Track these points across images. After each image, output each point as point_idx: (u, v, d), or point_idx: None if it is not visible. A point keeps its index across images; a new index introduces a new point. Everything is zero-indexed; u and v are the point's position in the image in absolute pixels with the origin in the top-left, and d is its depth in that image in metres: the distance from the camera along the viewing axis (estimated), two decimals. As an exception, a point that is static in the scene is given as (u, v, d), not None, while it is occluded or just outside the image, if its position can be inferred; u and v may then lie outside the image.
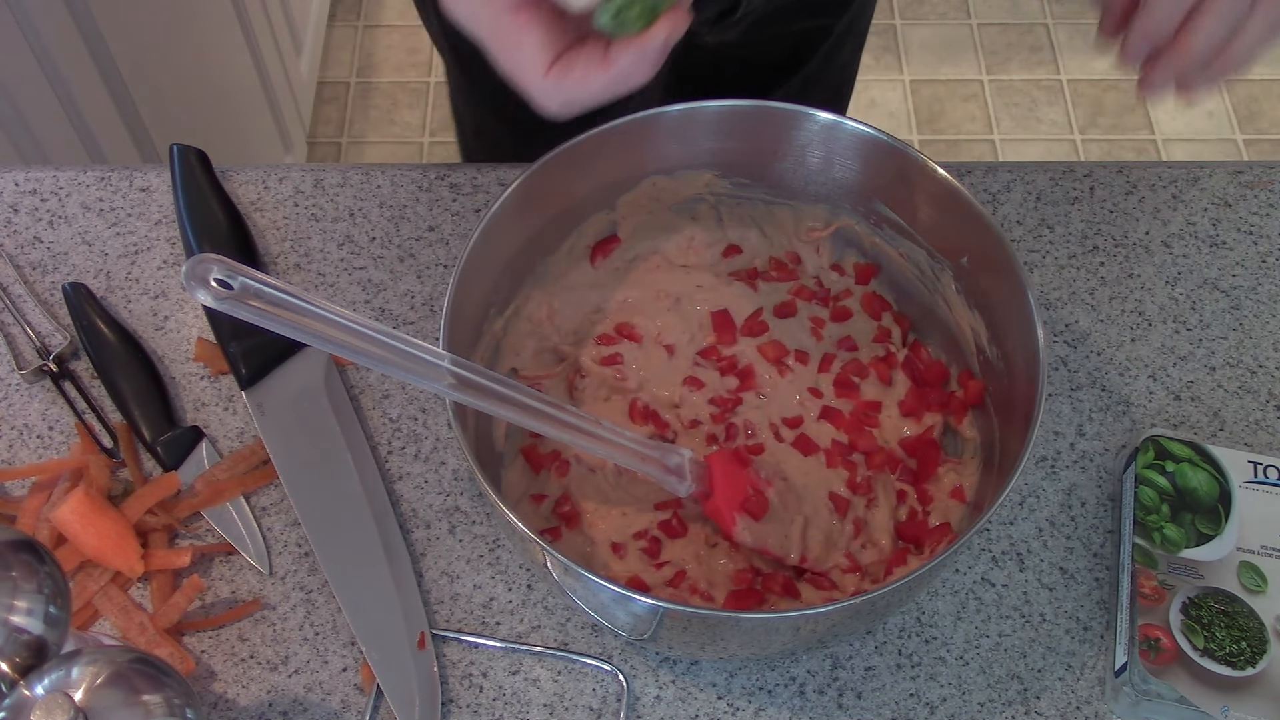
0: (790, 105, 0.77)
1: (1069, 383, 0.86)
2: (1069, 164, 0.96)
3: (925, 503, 0.78)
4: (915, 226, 0.79)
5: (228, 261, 0.58)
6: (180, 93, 1.62)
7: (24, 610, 0.56)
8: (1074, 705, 0.74)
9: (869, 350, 0.82)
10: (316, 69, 2.23)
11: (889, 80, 2.29)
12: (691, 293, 0.84)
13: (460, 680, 0.75)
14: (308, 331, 0.60)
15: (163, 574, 0.78)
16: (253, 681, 0.75)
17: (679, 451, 0.74)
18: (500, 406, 0.66)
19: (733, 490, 0.74)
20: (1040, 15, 2.38)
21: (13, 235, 0.92)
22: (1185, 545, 0.75)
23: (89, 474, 0.79)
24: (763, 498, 0.74)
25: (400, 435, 0.84)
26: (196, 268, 0.58)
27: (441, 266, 0.90)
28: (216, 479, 0.81)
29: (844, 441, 0.79)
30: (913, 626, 0.77)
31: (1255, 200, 0.94)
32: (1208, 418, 0.85)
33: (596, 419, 0.70)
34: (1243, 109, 2.27)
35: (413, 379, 0.64)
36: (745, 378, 0.81)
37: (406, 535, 0.80)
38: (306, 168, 0.95)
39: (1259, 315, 0.89)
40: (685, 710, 0.74)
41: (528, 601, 0.78)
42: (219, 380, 0.86)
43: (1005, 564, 0.79)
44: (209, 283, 0.58)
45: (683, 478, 0.73)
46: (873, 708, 0.75)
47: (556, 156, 0.75)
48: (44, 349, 0.86)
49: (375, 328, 0.62)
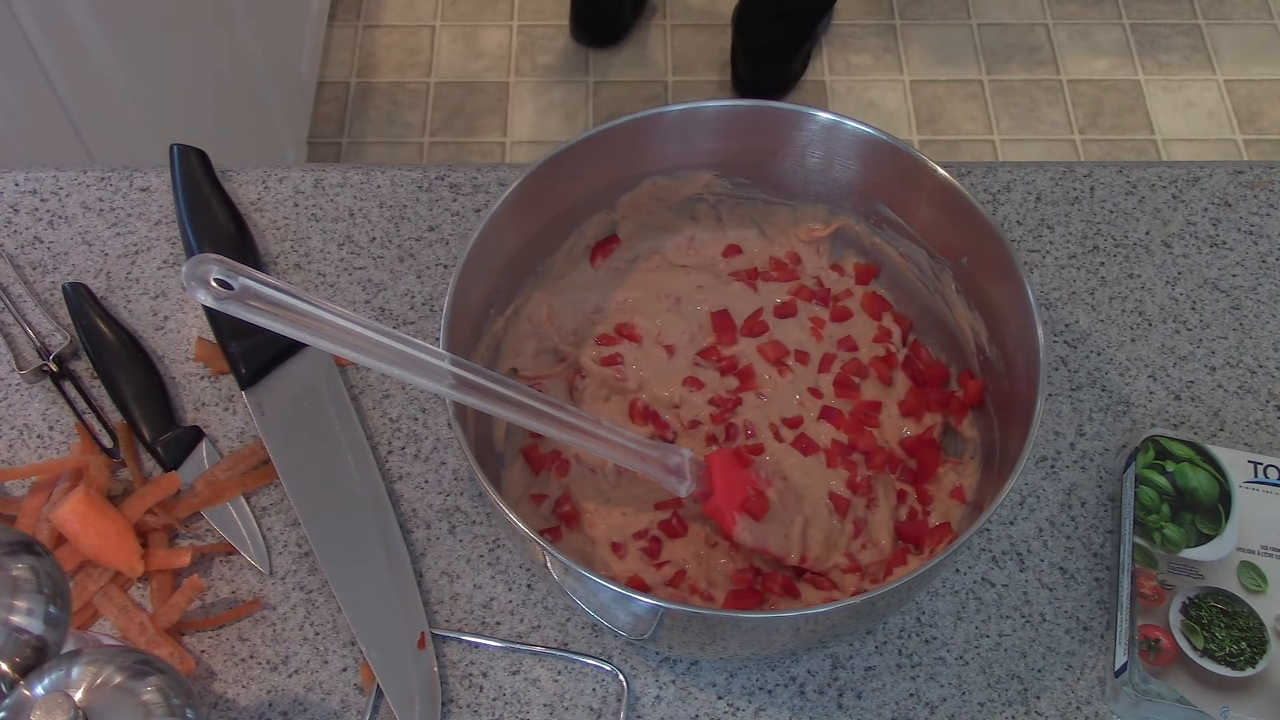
0: (790, 105, 0.78)
1: (1069, 383, 0.86)
2: (1069, 164, 0.96)
3: (925, 503, 0.78)
4: (915, 226, 0.79)
5: (228, 261, 0.58)
6: (180, 93, 1.62)
7: (24, 610, 0.56)
8: (1074, 705, 0.74)
9: (869, 350, 0.82)
10: (316, 69, 2.22)
11: (889, 80, 2.28)
12: (691, 293, 0.84)
13: (460, 680, 0.75)
14: (308, 331, 0.60)
15: (163, 574, 0.78)
16: (253, 681, 0.75)
17: (679, 451, 0.74)
18: (500, 406, 0.66)
19: (733, 490, 0.74)
20: (1040, 15, 2.38)
21: (13, 235, 0.91)
22: (1185, 545, 0.75)
23: (89, 474, 0.79)
24: (763, 498, 0.74)
25: (400, 435, 0.84)
26: (197, 268, 0.58)
27: (441, 266, 0.90)
28: (216, 479, 0.81)
29: (844, 441, 0.79)
30: (913, 626, 0.77)
31: (1255, 200, 0.94)
32: (1208, 418, 0.85)
33: (596, 419, 0.70)
34: (1243, 109, 2.27)
35: (413, 379, 0.64)
36: (745, 378, 0.81)
37: (406, 535, 0.80)
38: (306, 168, 0.95)
39: (1259, 315, 0.89)
40: (685, 710, 0.74)
41: (528, 601, 0.78)
42: (219, 380, 0.86)
43: (1005, 564, 0.79)
44: (209, 283, 0.58)
45: (683, 478, 0.72)
46: (873, 708, 0.75)
47: (556, 156, 0.75)
48: (44, 349, 0.86)
49: (375, 328, 0.62)
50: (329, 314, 0.61)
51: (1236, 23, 2.38)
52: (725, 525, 0.74)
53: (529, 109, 2.23)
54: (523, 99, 2.24)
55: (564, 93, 2.25)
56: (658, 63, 2.29)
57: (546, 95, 2.25)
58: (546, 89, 2.26)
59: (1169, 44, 2.35)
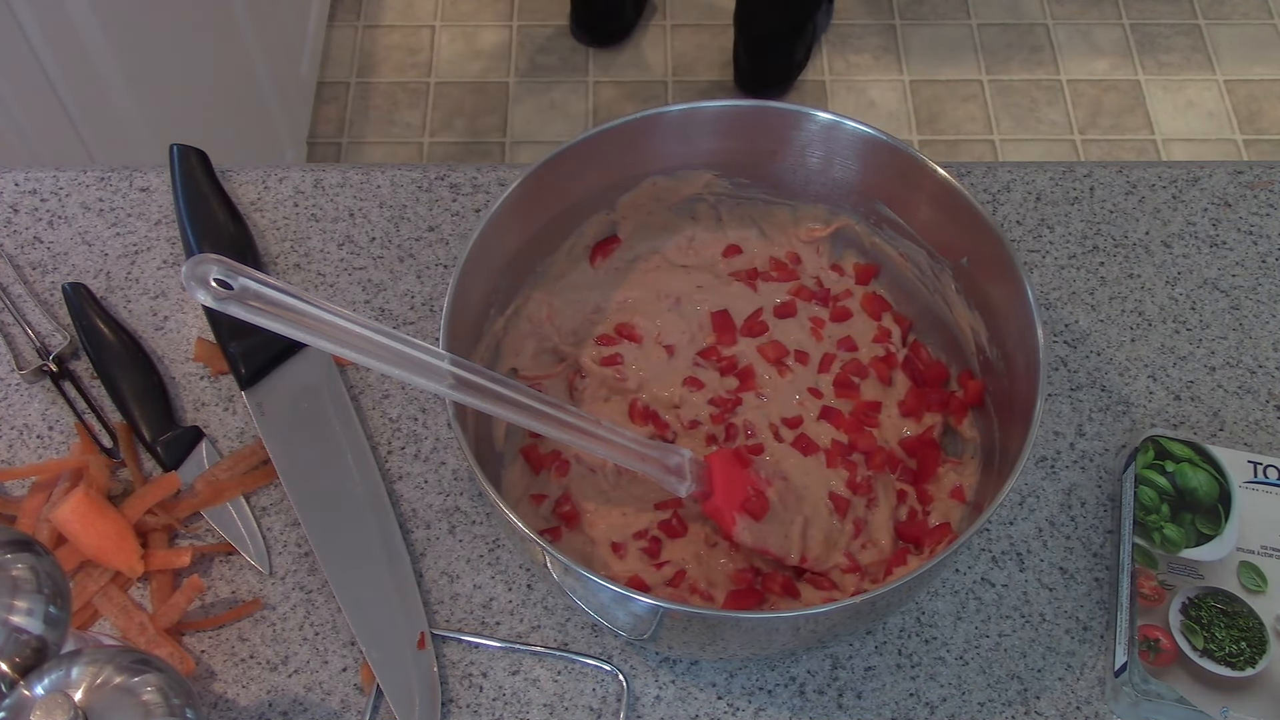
0: (790, 105, 0.78)
1: (1069, 383, 0.86)
2: (1069, 164, 0.96)
3: (925, 503, 0.78)
4: (915, 226, 0.79)
5: (227, 261, 0.58)
6: (180, 93, 1.62)
7: (24, 610, 0.56)
8: (1074, 705, 0.74)
9: (869, 350, 0.82)
10: (316, 69, 2.22)
11: (889, 80, 2.28)
12: (691, 293, 0.84)
13: (460, 680, 0.75)
14: (308, 331, 0.60)
15: (163, 574, 0.78)
16: (253, 681, 0.75)
17: (679, 451, 0.74)
18: (500, 406, 0.66)
19: (733, 490, 0.74)
20: (1040, 15, 2.38)
21: (13, 235, 0.91)
22: (1185, 545, 0.75)
23: (89, 474, 0.79)
24: (763, 498, 0.74)
25: (400, 435, 0.84)
26: (196, 268, 0.58)
27: (441, 266, 0.90)
28: (216, 479, 0.81)
29: (844, 441, 0.79)
30: (913, 626, 0.77)
31: (1255, 200, 0.94)
32: (1208, 418, 0.85)
33: (596, 419, 0.70)
34: (1243, 109, 2.27)
35: (412, 379, 0.64)
36: (745, 378, 0.81)
37: (406, 535, 0.80)
38: (306, 168, 0.95)
39: (1259, 315, 0.89)
40: (685, 710, 0.74)
41: (528, 601, 0.78)
42: (219, 380, 0.86)
43: (1005, 564, 0.79)
44: (209, 283, 0.58)
45: (683, 478, 0.72)
46: (873, 708, 0.75)
47: (556, 156, 0.75)
48: (44, 349, 0.86)
49: (375, 327, 0.62)
50: (329, 314, 0.61)
51: (1236, 23, 2.38)
52: (725, 525, 0.74)
53: (529, 109, 2.23)
54: (523, 99, 2.24)
55: (564, 93, 2.25)
56: (658, 63, 2.29)
57: (546, 95, 2.25)
58: (546, 89, 2.26)
59: (1169, 44, 2.35)
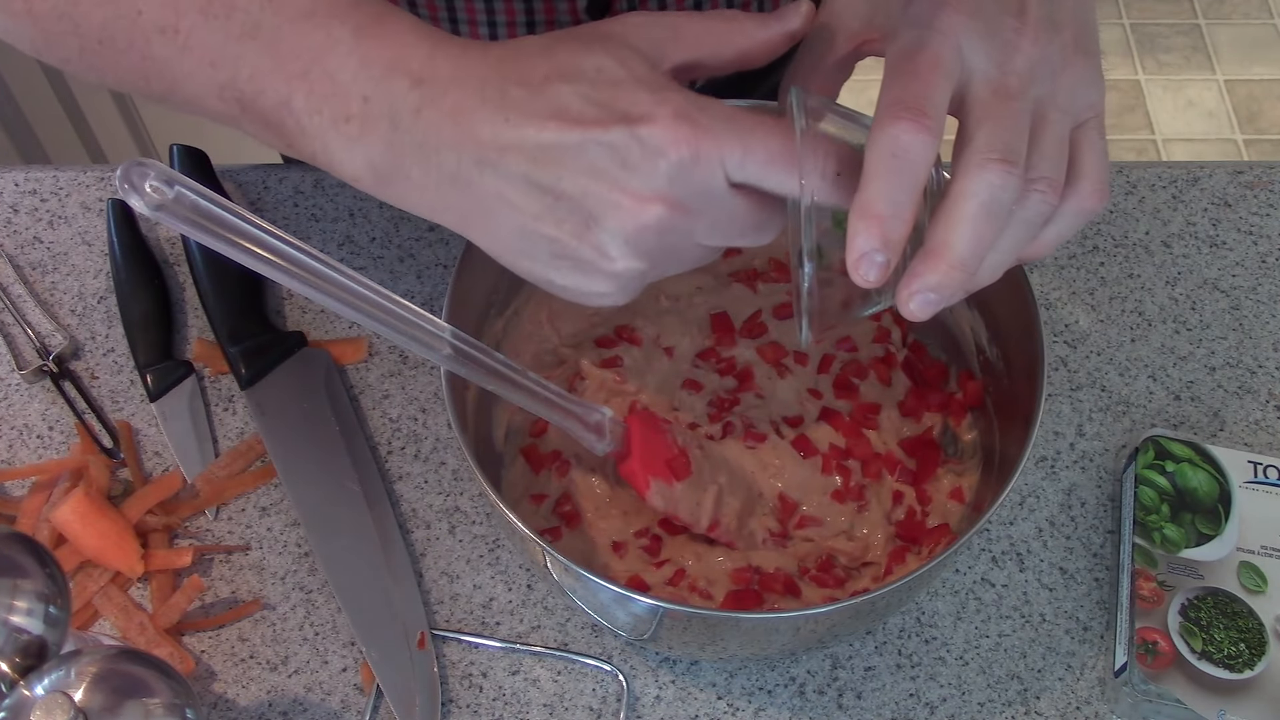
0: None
1: (1069, 383, 0.86)
2: (1069, 164, 0.96)
3: (924, 503, 0.78)
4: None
5: (167, 169, 0.54)
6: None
7: (24, 610, 0.57)
8: (1074, 705, 0.74)
9: (868, 351, 0.82)
10: (316, 69, 2.22)
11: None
12: (691, 294, 0.84)
13: (460, 680, 0.75)
14: (248, 254, 0.55)
15: (163, 574, 0.78)
16: (253, 681, 0.75)
17: (600, 410, 0.71)
18: (410, 336, 0.61)
19: (650, 453, 0.73)
20: (1040, 15, 2.38)
21: (13, 235, 0.92)
22: (1185, 545, 0.75)
23: (89, 474, 0.79)
24: (681, 462, 0.74)
25: (400, 435, 0.84)
26: (131, 171, 0.53)
27: (441, 266, 0.90)
28: (216, 478, 0.81)
29: (841, 446, 0.79)
30: (913, 626, 0.77)
31: (1255, 200, 0.94)
32: (1208, 418, 0.85)
33: (522, 368, 0.67)
34: (1243, 109, 2.27)
35: (349, 313, 0.59)
36: (744, 379, 0.81)
37: (406, 535, 0.80)
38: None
39: (1259, 315, 0.89)
40: (685, 710, 0.74)
41: (528, 601, 0.78)
42: (219, 380, 0.86)
43: (1005, 564, 0.79)
44: (144, 189, 0.53)
45: (601, 435, 0.71)
46: (873, 708, 0.75)
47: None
48: (44, 349, 0.86)
49: (321, 258, 0.58)
50: (275, 239, 0.56)
51: (1236, 23, 2.38)
52: (639, 488, 0.73)
53: (529, 109, 2.22)
54: (523, 99, 2.23)
55: (564, 92, 2.24)
56: (658, 62, 2.29)
57: (546, 95, 2.24)
58: (546, 89, 2.25)
59: (1169, 44, 2.35)
